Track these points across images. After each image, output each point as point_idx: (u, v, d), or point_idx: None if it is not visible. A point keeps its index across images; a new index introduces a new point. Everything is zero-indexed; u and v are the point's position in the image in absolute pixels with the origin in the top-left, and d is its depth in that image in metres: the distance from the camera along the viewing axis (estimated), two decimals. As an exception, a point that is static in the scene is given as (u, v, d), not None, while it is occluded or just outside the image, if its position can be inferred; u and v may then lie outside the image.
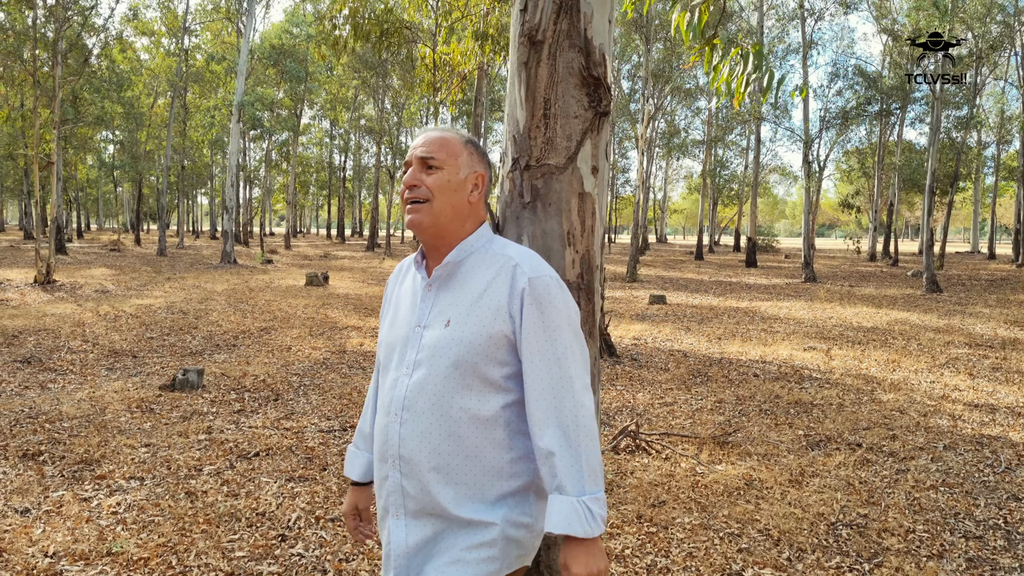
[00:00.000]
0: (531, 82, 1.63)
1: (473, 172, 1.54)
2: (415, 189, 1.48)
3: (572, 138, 1.62)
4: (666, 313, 12.61)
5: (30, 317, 10.30)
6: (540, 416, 1.39)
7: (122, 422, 5.30)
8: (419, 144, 1.51)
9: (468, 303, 1.46)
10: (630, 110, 34.50)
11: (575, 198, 1.63)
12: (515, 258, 1.48)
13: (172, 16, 29.69)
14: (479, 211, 1.55)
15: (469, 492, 1.43)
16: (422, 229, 1.49)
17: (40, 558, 3.14)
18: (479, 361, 1.42)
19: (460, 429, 1.42)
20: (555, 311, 1.44)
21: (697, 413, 5.94)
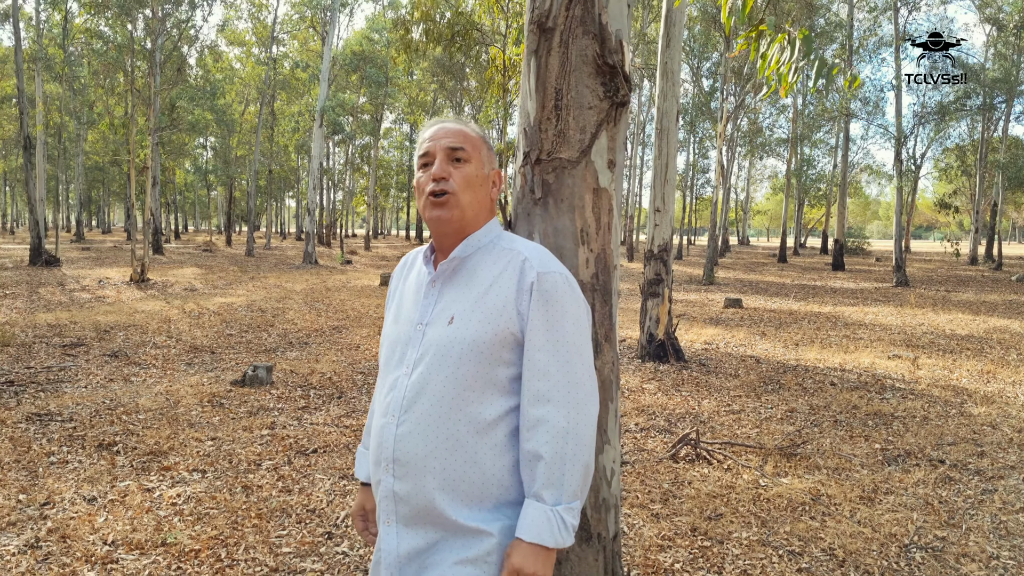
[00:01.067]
0: (541, 71, 1.55)
1: (493, 169, 1.49)
2: (443, 182, 1.41)
3: (586, 130, 1.53)
4: (741, 317, 12.20)
5: (122, 313, 10.89)
6: (533, 417, 1.33)
7: (193, 416, 5.49)
8: (439, 135, 1.44)
9: (473, 299, 1.39)
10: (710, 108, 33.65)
11: (589, 194, 1.55)
12: (524, 252, 1.41)
13: (261, 26, 30.92)
14: (493, 207, 1.50)
15: (466, 498, 1.36)
16: (449, 224, 1.43)
17: (99, 546, 3.27)
18: (483, 361, 1.35)
19: (460, 433, 1.36)
20: (563, 309, 1.37)
21: (765, 422, 5.68)
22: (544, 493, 1.28)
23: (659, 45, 7.89)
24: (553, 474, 1.29)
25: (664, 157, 7.82)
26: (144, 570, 3.07)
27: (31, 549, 3.21)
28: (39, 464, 4.33)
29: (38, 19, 21.76)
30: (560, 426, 1.30)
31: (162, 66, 20.79)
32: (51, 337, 8.71)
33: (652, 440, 5.19)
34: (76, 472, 4.23)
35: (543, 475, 1.29)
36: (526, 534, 1.28)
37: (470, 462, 1.35)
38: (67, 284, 15.06)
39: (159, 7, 18.82)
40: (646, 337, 8.02)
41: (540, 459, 1.30)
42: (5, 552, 3.16)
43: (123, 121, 20.52)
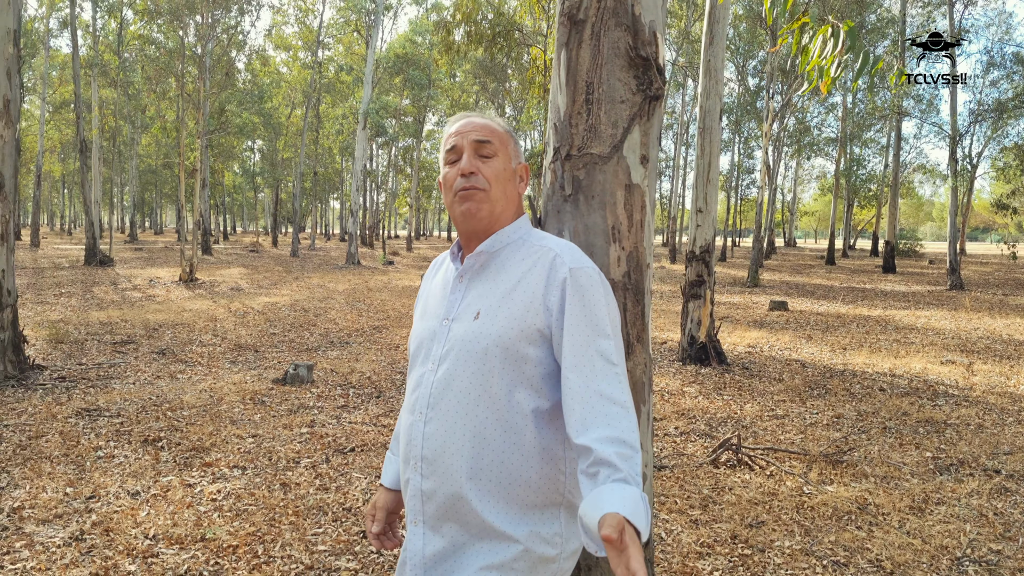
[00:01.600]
0: (572, 65, 1.51)
1: (520, 163, 1.46)
2: (472, 176, 1.39)
3: (618, 125, 1.49)
4: (787, 320, 11.93)
5: (171, 312, 11.16)
6: (588, 415, 1.23)
7: (235, 413, 5.58)
8: (466, 128, 1.42)
9: (500, 295, 1.36)
10: (756, 108, 33.11)
11: (621, 190, 1.50)
12: (555, 249, 1.37)
13: (308, 30, 31.44)
14: (521, 203, 1.47)
15: (494, 499, 1.32)
16: (478, 219, 1.40)
17: (141, 539, 3.33)
18: (509, 358, 1.32)
19: (487, 430, 1.32)
20: (599, 306, 1.32)
21: (810, 428, 5.53)
22: (631, 480, 1.15)
23: (702, 43, 7.76)
24: (633, 462, 1.19)
25: (706, 156, 7.68)
26: (183, 564, 3.12)
27: (76, 541, 3.29)
28: (87, 458, 4.44)
29: (94, 26, 22.49)
30: (623, 420, 1.23)
31: (211, 71, 21.28)
32: (103, 334, 8.97)
33: (692, 444, 5.09)
34: (122, 467, 4.33)
35: (624, 464, 1.17)
36: (621, 508, 1.08)
37: (497, 462, 1.32)
38: (119, 283, 15.52)
39: (209, 13, 19.27)
40: (687, 339, 7.89)
41: (615, 447, 1.18)
42: (51, 544, 3.25)
43: (174, 125, 21.10)
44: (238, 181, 45.83)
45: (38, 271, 17.82)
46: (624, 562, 1.00)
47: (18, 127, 5.97)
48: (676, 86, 37.55)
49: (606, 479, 1.15)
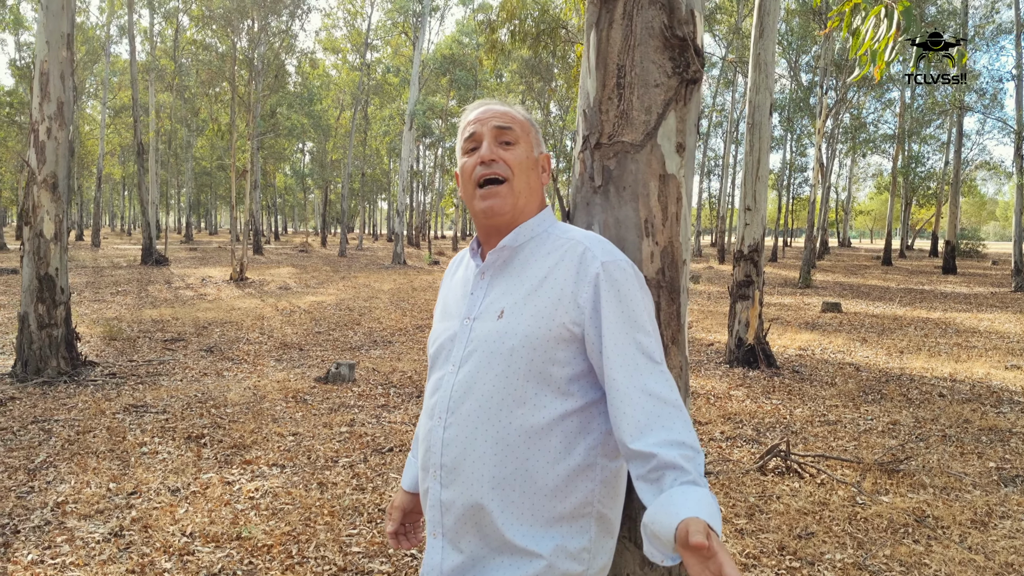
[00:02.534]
0: (602, 47, 1.41)
1: (541, 152, 1.38)
2: (494, 164, 1.30)
3: (652, 110, 1.39)
4: (840, 322, 11.54)
5: (220, 310, 11.38)
6: (641, 417, 1.15)
7: (277, 411, 5.62)
8: (486, 115, 1.34)
9: (525, 291, 1.27)
10: (809, 104, 32.28)
11: (655, 180, 1.40)
12: (583, 242, 1.28)
13: (356, 33, 31.85)
14: (543, 195, 1.38)
15: (517, 510, 1.24)
16: (501, 214, 1.31)
17: (178, 537, 3.34)
18: (536, 358, 1.23)
19: (510, 437, 1.23)
20: (636, 301, 1.23)
21: (864, 435, 5.29)
22: (700, 481, 1.08)
23: (752, 36, 7.54)
24: (697, 463, 1.12)
25: (756, 153, 7.46)
26: (218, 563, 3.11)
27: (115, 537, 3.31)
28: (131, 454, 4.51)
29: (151, 32, 23.16)
30: (680, 423, 1.16)
31: (262, 74, 21.70)
32: (154, 332, 9.18)
33: (738, 450, 4.92)
34: (164, 463, 4.38)
35: (690, 465, 1.09)
36: (700, 512, 1.00)
37: (521, 470, 1.23)
38: (173, 282, 15.92)
39: (262, 19, 19.65)
40: (735, 341, 7.68)
41: (678, 449, 1.11)
42: (91, 539, 3.28)
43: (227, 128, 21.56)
44: (289, 182, 46.71)
45: (97, 270, 18.41)
46: (716, 570, 0.94)
47: (71, 129, 6.12)
48: (726, 83, 36.87)
49: (673, 482, 1.08)
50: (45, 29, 5.95)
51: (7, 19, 24.43)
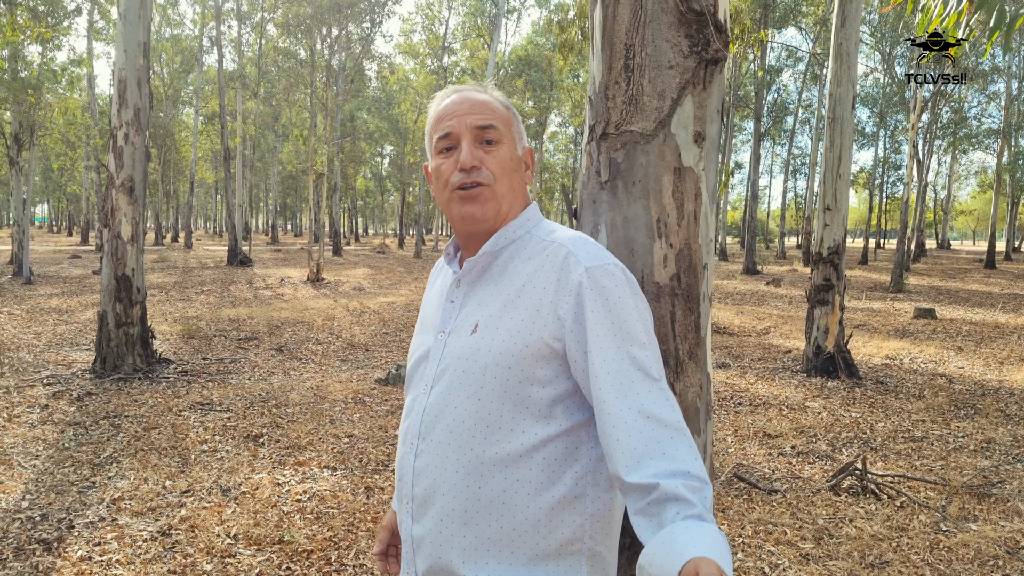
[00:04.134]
0: (607, 24, 1.25)
1: (524, 147, 1.23)
2: (476, 172, 1.15)
3: (665, 95, 1.22)
4: (933, 330, 10.80)
5: (294, 310, 11.65)
6: (638, 444, 0.99)
7: (336, 412, 5.64)
8: (462, 109, 1.18)
9: (501, 303, 1.13)
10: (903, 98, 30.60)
11: (668, 174, 1.23)
12: (566, 245, 1.12)
13: (434, 37, 32.27)
14: (527, 193, 1.24)
15: (494, 551, 1.09)
16: (483, 222, 1.17)
17: (222, 538, 3.35)
18: (511, 378, 1.08)
19: (484, 466, 1.09)
20: (627, 309, 1.07)
21: (953, 454, 4.86)
22: (707, 515, 0.94)
23: (833, 25, 7.11)
24: (704, 494, 0.97)
25: (836, 149, 7.03)
26: (256, 567, 3.09)
27: (162, 536, 3.35)
28: (192, 451, 4.59)
29: (239, 42, 24.12)
30: (683, 448, 1.00)
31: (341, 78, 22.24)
32: (230, 331, 9.47)
33: (810, 467, 4.60)
34: (221, 461, 4.43)
35: (696, 496, 0.95)
36: (707, 550, 0.86)
37: (497, 503, 1.09)
38: (254, 282, 16.47)
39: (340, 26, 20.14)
40: (812, 349, 7.26)
41: (679, 484, 0.96)
42: (139, 537, 3.32)
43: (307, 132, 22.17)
44: (368, 185, 47.82)
45: (187, 270, 19.27)
46: None
47: (147, 134, 6.35)
48: (812, 77, 35.47)
49: (676, 516, 0.93)
50: (123, 38, 6.19)
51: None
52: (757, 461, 4.69)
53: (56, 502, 3.70)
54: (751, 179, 25.89)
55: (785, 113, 36.14)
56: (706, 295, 1.29)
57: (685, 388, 1.26)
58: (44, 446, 4.62)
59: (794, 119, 37.47)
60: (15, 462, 4.30)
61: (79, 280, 15.80)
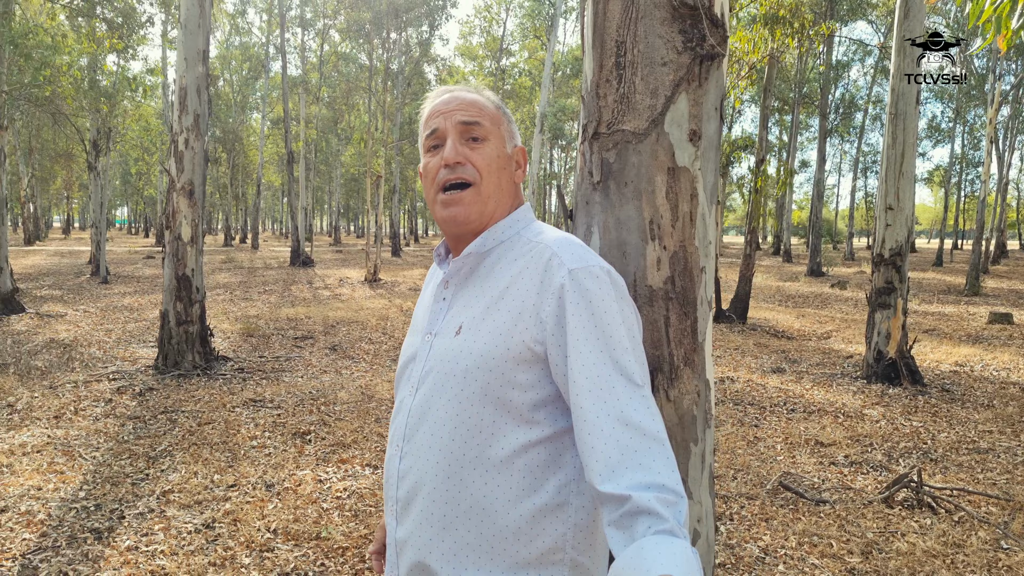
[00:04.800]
0: (598, 20, 1.22)
1: (515, 146, 1.21)
2: (460, 167, 1.15)
3: (658, 93, 1.18)
4: (1009, 335, 10.26)
5: (350, 310, 11.88)
6: (613, 453, 0.96)
7: (382, 411, 5.72)
8: (449, 107, 1.17)
9: (484, 305, 1.11)
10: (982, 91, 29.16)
11: (662, 174, 1.19)
12: (551, 246, 1.10)
13: (492, 40, 32.45)
14: (520, 192, 1.22)
15: (473, 556, 1.08)
16: (467, 224, 1.16)
17: (262, 532, 3.43)
18: (492, 381, 1.06)
19: (464, 470, 1.08)
20: (611, 313, 1.03)
21: (1020, 467, 4.60)
22: (677, 530, 0.90)
23: (896, 17, 6.83)
24: (678, 508, 0.93)
25: (899, 146, 6.74)
26: (292, 562, 3.15)
27: (206, 529, 3.45)
28: (241, 447, 4.73)
29: (302, 48, 24.77)
30: (660, 458, 0.96)
31: (400, 82, 22.57)
32: (287, 330, 9.71)
33: (863, 477, 4.42)
34: (268, 457, 4.55)
35: (668, 510, 0.91)
36: (676, 570, 0.83)
37: (477, 508, 1.08)
38: (314, 282, 16.87)
39: (398, 30, 20.45)
40: (873, 354, 6.98)
41: (655, 491, 0.93)
42: (184, 529, 3.43)
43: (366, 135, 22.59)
44: (430, 187, 48.28)
45: (251, 271, 19.88)
46: None
47: (206, 139, 6.57)
48: (883, 71, 34.17)
49: (647, 531, 0.90)
50: (183, 47, 6.43)
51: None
52: (806, 470, 4.53)
53: (110, 493, 3.86)
54: (816, 178, 25.13)
55: (854, 109, 34.92)
56: (704, 299, 1.24)
57: (680, 395, 1.22)
58: (105, 439, 4.82)
59: (863, 115, 36.16)
60: (77, 453, 4.50)
61: (151, 280, 16.49)
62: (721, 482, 4.30)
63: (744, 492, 4.14)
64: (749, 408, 6.03)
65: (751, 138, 15.47)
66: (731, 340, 9.59)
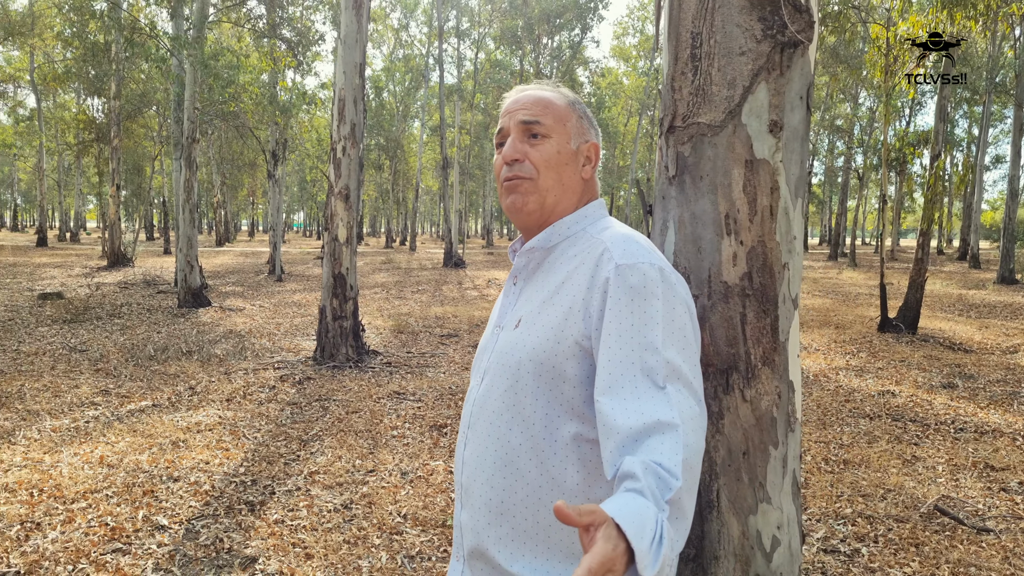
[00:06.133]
0: (673, 14, 1.19)
1: (585, 142, 1.22)
2: (516, 164, 1.20)
3: (736, 84, 1.14)
4: None
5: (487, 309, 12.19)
6: (626, 453, 0.95)
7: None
8: (515, 106, 1.22)
9: (542, 300, 1.14)
10: None
11: (739, 167, 1.15)
12: (606, 242, 1.11)
13: (645, 38, 32.02)
14: (593, 188, 1.23)
15: (530, 544, 1.10)
16: (525, 214, 1.21)
17: (393, 516, 3.63)
18: (543, 374, 1.09)
19: (519, 460, 1.11)
20: (652, 312, 1.01)
21: None
22: (647, 492, 0.86)
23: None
24: (658, 481, 0.88)
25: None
26: (418, 546, 3.31)
27: (344, 509, 3.71)
28: (383, 436, 5.02)
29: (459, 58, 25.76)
30: (668, 447, 0.92)
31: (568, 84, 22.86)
32: (434, 328, 10.15)
33: (1040, 506, 3.93)
34: (407, 447, 4.80)
35: (648, 481, 0.87)
36: (617, 513, 0.79)
37: (532, 497, 1.10)
38: (463, 283, 17.47)
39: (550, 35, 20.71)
40: (1064, 371, 6.17)
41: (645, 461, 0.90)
42: (325, 508, 3.71)
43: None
44: (580, 189, 48.52)
45: (407, 271, 20.93)
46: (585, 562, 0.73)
47: (361, 146, 7.02)
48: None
49: (620, 490, 0.89)
50: (342, 61, 6.92)
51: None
52: (970, 495, 4.11)
53: (265, 471, 4.24)
54: (1011, 175, 22.56)
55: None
56: (788, 297, 1.19)
57: (758, 396, 1.18)
58: (266, 421, 5.30)
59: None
60: (241, 433, 4.98)
61: (318, 279, 17.83)
62: (868, 501, 4.00)
63: (893, 514, 3.83)
64: (910, 425, 5.55)
65: (924, 132, 14.17)
66: (896, 352, 8.85)
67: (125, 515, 3.51)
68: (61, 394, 5.84)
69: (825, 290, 16.92)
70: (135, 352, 7.61)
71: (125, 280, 15.50)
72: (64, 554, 3.09)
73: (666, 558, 0.81)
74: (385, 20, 33.49)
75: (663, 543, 0.80)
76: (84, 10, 16.48)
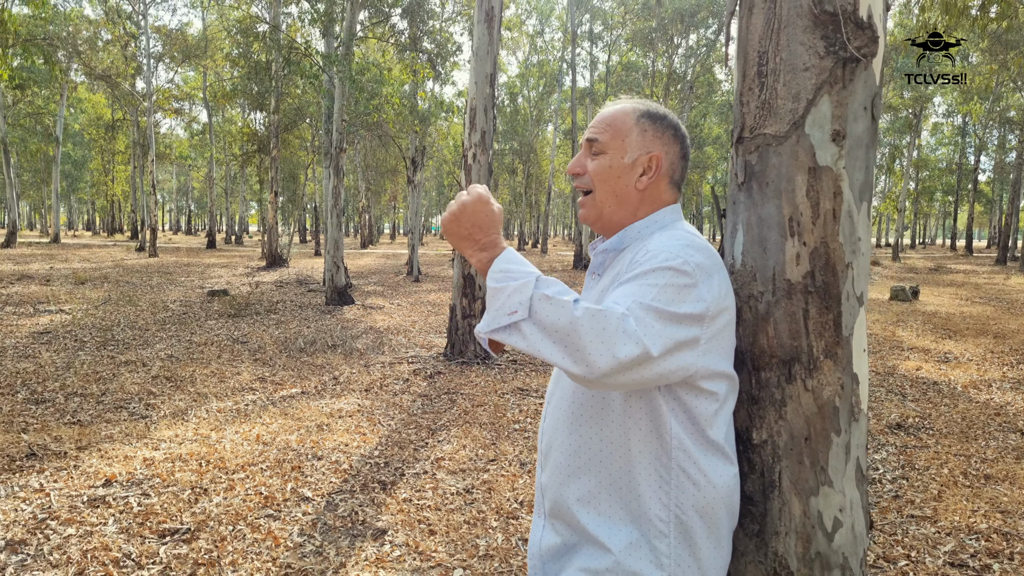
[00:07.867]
0: (741, 35, 1.29)
1: (645, 154, 1.35)
2: (576, 178, 1.42)
3: (800, 97, 1.23)
4: None
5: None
6: None
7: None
8: (590, 125, 1.42)
9: (596, 296, 1.36)
10: None
11: (802, 174, 1.24)
12: (654, 240, 1.27)
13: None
14: (656, 196, 1.36)
15: (595, 504, 1.28)
16: (590, 223, 1.43)
17: (511, 502, 3.85)
18: None
19: (583, 428, 1.30)
20: (661, 283, 1.14)
21: None
22: (543, 284, 1.16)
23: None
24: (559, 291, 1.14)
25: None
26: (527, 532, 3.51)
27: (465, 493, 3.97)
28: (505, 429, 5.27)
29: (591, 61, 25.89)
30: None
31: (683, 85, 22.48)
32: (561, 328, 10.34)
33: None
34: (527, 440, 5.02)
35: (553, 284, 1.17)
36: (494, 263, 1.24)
37: (595, 461, 1.28)
38: (593, 285, 17.58)
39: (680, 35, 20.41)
40: None
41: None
42: (448, 490, 3.99)
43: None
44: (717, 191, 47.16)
45: (538, 273, 21.28)
46: None
47: (491, 152, 7.34)
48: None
49: None
50: (474, 72, 7.28)
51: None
52: None
53: (397, 455, 4.60)
54: None
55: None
56: (852, 294, 1.27)
57: (820, 385, 1.27)
58: (399, 411, 5.70)
59: None
60: (377, 420, 5.40)
61: (452, 279, 18.56)
62: (1007, 518, 3.77)
63: (1036, 534, 3.59)
64: (1069, 443, 5.11)
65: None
66: (1063, 364, 8.07)
67: (276, 486, 3.95)
68: (225, 380, 6.56)
69: (987, 297, 15.56)
70: (288, 344, 8.36)
71: (280, 279, 16.87)
72: (226, 516, 3.54)
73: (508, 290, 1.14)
74: (521, 27, 34.18)
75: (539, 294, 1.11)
76: (249, 32, 18.14)
